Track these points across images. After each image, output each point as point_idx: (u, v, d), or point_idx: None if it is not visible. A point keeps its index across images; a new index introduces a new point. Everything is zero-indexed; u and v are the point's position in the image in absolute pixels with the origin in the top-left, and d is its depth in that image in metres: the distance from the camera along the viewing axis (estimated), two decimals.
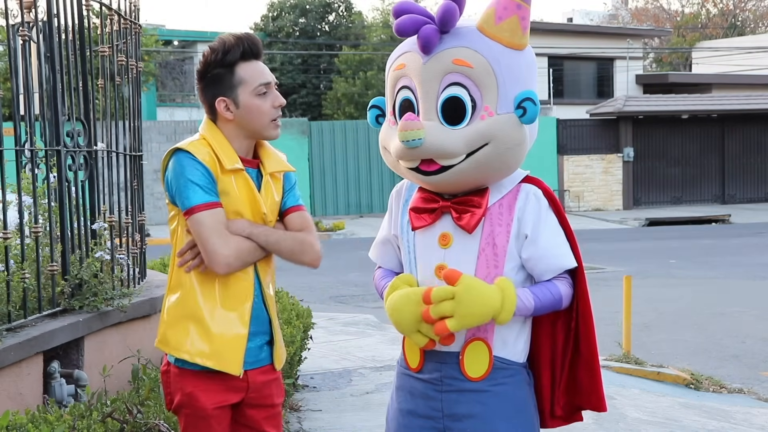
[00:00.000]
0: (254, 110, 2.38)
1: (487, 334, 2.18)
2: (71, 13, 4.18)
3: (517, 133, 2.13)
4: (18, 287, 3.59)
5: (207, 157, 2.34)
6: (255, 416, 2.46)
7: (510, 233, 2.17)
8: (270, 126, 2.41)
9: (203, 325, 2.34)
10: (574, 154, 23.11)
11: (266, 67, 2.44)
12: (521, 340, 2.24)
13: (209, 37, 29.12)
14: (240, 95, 2.37)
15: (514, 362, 2.22)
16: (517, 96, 2.12)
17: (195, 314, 2.36)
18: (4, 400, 3.28)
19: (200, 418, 2.38)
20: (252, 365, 2.41)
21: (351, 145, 21.68)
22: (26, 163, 4.05)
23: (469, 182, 2.17)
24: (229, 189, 2.36)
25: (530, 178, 2.24)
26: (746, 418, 5.22)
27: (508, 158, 2.14)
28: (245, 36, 2.40)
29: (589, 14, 43.33)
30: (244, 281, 2.38)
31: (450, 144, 2.10)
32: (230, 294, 2.37)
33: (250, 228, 2.37)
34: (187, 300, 2.37)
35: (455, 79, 2.12)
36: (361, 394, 5.22)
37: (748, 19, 42.94)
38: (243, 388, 2.42)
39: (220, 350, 2.34)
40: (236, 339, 2.36)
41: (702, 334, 8.05)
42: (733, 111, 23.94)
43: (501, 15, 2.11)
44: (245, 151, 2.44)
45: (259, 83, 2.38)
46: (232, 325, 2.35)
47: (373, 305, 9.44)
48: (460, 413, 2.20)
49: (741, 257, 13.53)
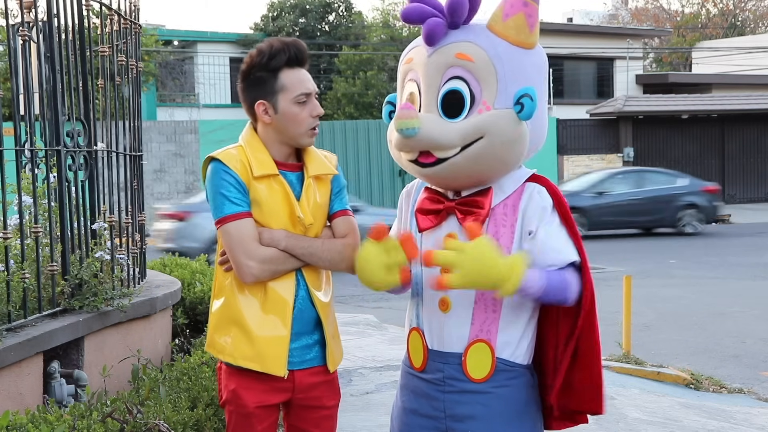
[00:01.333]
0: (292, 118, 2.38)
1: (491, 335, 2.17)
2: (71, 13, 4.18)
3: (512, 129, 2.13)
4: (18, 287, 3.58)
5: (239, 165, 2.37)
6: (305, 417, 2.48)
7: (514, 233, 2.17)
8: (306, 134, 2.42)
9: (245, 329, 2.38)
10: (574, 154, 23.11)
11: (309, 76, 2.44)
12: (525, 342, 2.22)
13: (209, 37, 29.13)
14: (280, 101, 2.38)
15: (517, 364, 2.21)
16: (517, 92, 2.12)
17: (237, 319, 2.40)
18: (4, 400, 3.28)
19: (242, 416, 2.43)
20: (299, 365, 2.43)
21: (351, 145, 21.67)
22: (26, 163, 4.05)
23: (465, 176, 2.17)
24: (259, 198, 2.37)
25: (536, 177, 2.24)
26: (746, 418, 5.22)
27: (503, 153, 2.14)
28: (292, 42, 2.40)
29: (589, 14, 43.31)
30: (284, 287, 2.39)
31: (444, 136, 2.11)
32: (270, 298, 2.39)
33: (287, 240, 2.38)
34: (230, 305, 2.42)
35: (456, 73, 2.13)
36: (361, 394, 5.22)
37: (748, 19, 42.93)
38: (288, 389, 2.43)
39: (262, 352, 2.37)
40: (278, 340, 2.38)
41: (702, 334, 8.05)
42: (733, 111, 23.95)
43: (508, 12, 2.12)
44: (285, 155, 2.45)
45: (300, 92, 2.38)
46: (274, 327, 2.38)
47: (373, 305, 9.45)
48: (461, 414, 2.20)
49: (741, 257, 13.53)
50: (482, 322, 2.18)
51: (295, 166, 2.47)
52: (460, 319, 2.19)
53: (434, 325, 2.24)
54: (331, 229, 2.50)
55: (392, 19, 29.06)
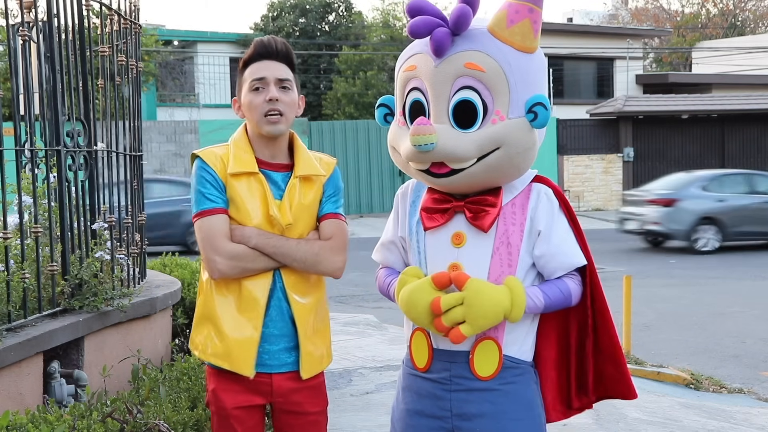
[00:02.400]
0: (247, 106, 2.42)
1: (498, 332, 2.19)
2: (71, 13, 4.18)
3: (527, 138, 2.15)
4: (18, 287, 3.58)
5: (218, 163, 2.39)
6: (289, 422, 2.47)
7: (524, 232, 2.19)
8: (263, 121, 2.39)
9: (218, 328, 2.40)
10: (574, 154, 23.12)
11: (275, 65, 2.41)
12: (529, 339, 2.25)
13: (209, 37, 29.12)
14: (242, 93, 2.44)
15: (523, 361, 2.23)
16: (529, 100, 2.13)
17: (212, 317, 2.42)
18: (4, 400, 3.28)
19: (222, 417, 2.43)
20: (277, 369, 2.42)
21: (351, 145, 21.68)
22: (26, 163, 4.05)
23: (479, 184, 2.19)
24: (236, 195, 2.38)
25: (540, 178, 2.27)
26: (746, 418, 5.22)
27: (519, 162, 2.16)
28: (265, 38, 2.45)
29: (589, 14, 43.32)
30: (259, 287, 2.39)
31: (462, 148, 2.11)
32: (243, 298, 2.39)
33: (257, 238, 2.37)
34: (207, 303, 2.44)
35: (467, 83, 2.12)
36: (361, 394, 5.22)
37: (748, 19, 42.93)
38: (267, 392, 2.43)
39: (231, 351, 2.38)
40: (248, 341, 2.38)
41: (702, 334, 8.05)
42: (733, 111, 23.94)
43: (513, 18, 2.10)
44: (272, 154, 2.45)
45: (252, 79, 2.40)
46: (245, 328, 2.38)
47: (373, 305, 9.45)
48: (469, 413, 2.20)
49: (741, 257, 13.53)
50: None
51: (283, 166, 2.46)
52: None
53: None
54: (317, 232, 2.49)
55: (392, 19, 29.07)
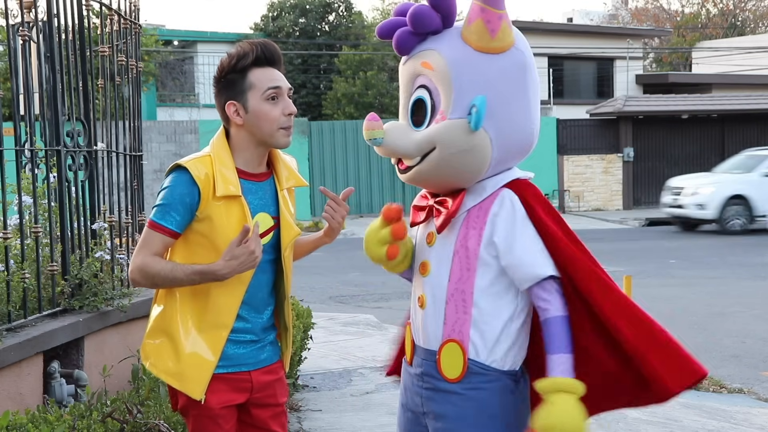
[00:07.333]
0: (263, 116, 2.33)
1: (463, 336, 2.15)
2: (71, 13, 4.18)
3: (463, 139, 2.11)
4: (18, 287, 3.59)
5: (204, 177, 2.31)
6: (261, 415, 2.48)
7: (482, 237, 2.15)
8: (279, 134, 2.35)
9: (175, 344, 2.37)
10: (574, 154, 23.10)
11: (281, 75, 2.39)
12: (503, 346, 2.16)
13: (209, 37, 29.12)
14: (250, 99, 2.33)
15: (492, 368, 2.15)
16: (471, 101, 2.10)
17: (170, 331, 2.39)
18: (4, 400, 3.28)
19: (208, 418, 2.40)
20: (254, 366, 2.43)
21: (351, 145, 21.67)
22: (26, 163, 4.05)
23: (434, 183, 2.23)
24: (213, 214, 2.32)
25: (516, 182, 2.19)
26: (746, 418, 5.22)
27: (457, 163, 2.13)
28: (260, 42, 2.37)
29: (589, 14, 43.31)
30: (225, 307, 2.36)
31: (402, 146, 2.18)
32: (208, 318, 2.36)
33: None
34: (167, 315, 2.40)
35: (422, 82, 2.19)
36: (361, 394, 5.22)
37: (748, 19, 42.93)
38: (248, 389, 2.43)
39: (184, 372, 2.35)
40: (203, 365, 2.35)
41: (702, 334, 8.05)
42: (733, 111, 23.93)
43: (471, 18, 2.12)
44: (257, 162, 2.41)
45: (268, 87, 2.33)
46: (202, 350, 2.35)
47: (373, 305, 9.45)
48: (435, 411, 2.21)
49: (741, 257, 13.54)
50: (454, 322, 2.17)
51: (264, 175, 2.44)
52: (435, 317, 2.20)
53: (417, 320, 2.27)
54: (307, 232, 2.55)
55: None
